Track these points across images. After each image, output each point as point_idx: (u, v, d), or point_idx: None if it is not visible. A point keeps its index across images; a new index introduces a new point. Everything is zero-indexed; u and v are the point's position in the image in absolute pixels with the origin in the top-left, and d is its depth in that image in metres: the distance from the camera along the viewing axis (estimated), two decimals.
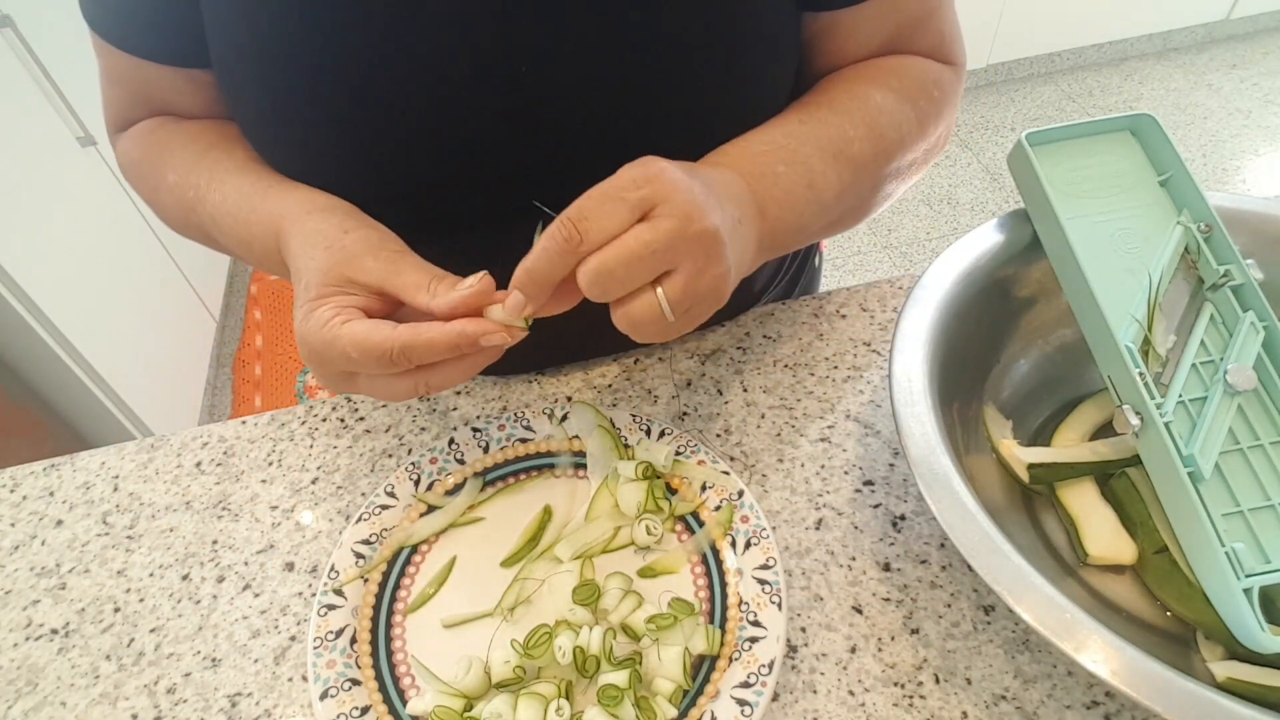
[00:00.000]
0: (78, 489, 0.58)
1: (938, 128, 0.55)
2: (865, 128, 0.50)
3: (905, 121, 0.51)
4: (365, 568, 0.50)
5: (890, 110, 0.51)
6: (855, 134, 0.49)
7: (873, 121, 0.50)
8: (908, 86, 0.52)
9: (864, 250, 2.17)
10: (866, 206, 0.54)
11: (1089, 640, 0.34)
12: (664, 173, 0.39)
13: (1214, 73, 2.58)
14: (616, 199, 0.38)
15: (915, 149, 0.53)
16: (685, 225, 0.38)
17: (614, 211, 0.38)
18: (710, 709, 0.42)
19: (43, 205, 1.39)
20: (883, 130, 0.50)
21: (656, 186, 0.39)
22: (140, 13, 0.50)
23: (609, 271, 0.38)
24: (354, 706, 0.44)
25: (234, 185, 0.50)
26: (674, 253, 0.39)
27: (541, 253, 0.39)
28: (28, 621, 0.51)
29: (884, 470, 0.53)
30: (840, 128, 0.49)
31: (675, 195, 0.39)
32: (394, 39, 0.45)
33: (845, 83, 0.52)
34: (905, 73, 0.53)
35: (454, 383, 0.42)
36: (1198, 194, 0.48)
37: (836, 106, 0.51)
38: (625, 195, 0.39)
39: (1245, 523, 0.42)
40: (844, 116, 0.50)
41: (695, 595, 0.47)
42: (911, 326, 0.46)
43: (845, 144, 0.49)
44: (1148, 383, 0.43)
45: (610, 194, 0.39)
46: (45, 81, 1.41)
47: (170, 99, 0.55)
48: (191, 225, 0.54)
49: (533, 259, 0.40)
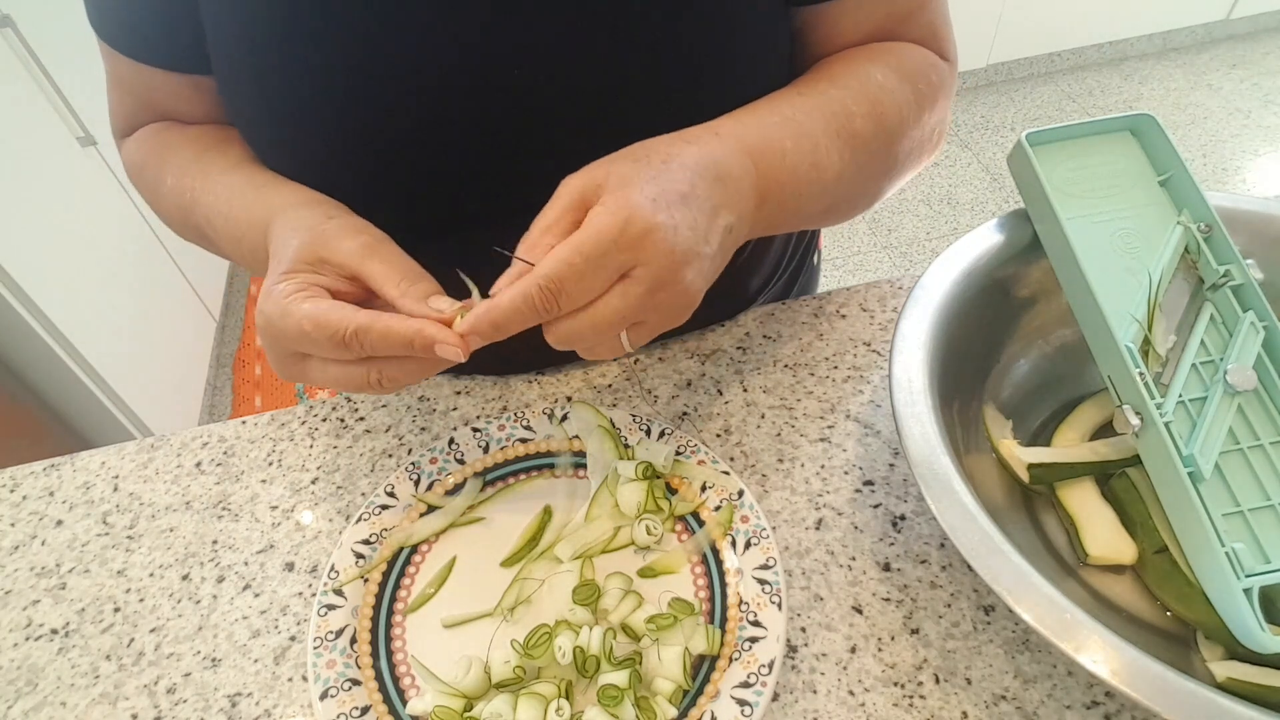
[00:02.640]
0: (78, 489, 0.58)
1: (933, 115, 0.54)
2: (868, 104, 0.49)
3: (905, 104, 0.51)
4: (365, 568, 0.50)
5: (892, 90, 0.50)
6: (858, 110, 0.48)
7: (875, 99, 0.49)
8: (907, 67, 0.52)
9: (864, 250, 2.17)
10: (862, 192, 0.53)
11: (1089, 640, 0.34)
12: (649, 234, 0.37)
13: (1214, 73, 2.58)
14: (598, 265, 0.37)
15: (912, 135, 0.52)
16: (659, 288, 0.38)
17: (593, 282, 0.38)
18: (710, 709, 0.42)
19: (43, 205, 1.39)
20: (884, 108, 0.49)
21: (637, 251, 0.37)
22: (143, 19, 0.50)
23: (579, 337, 0.39)
24: (354, 706, 0.44)
25: (226, 184, 0.50)
26: (644, 312, 0.39)
27: (511, 309, 0.38)
28: (28, 621, 0.51)
29: (884, 470, 0.53)
30: (843, 102, 0.48)
31: (656, 260, 0.37)
32: (385, 44, 0.45)
33: (845, 61, 0.52)
34: (903, 54, 0.53)
35: (406, 381, 0.41)
36: (1198, 194, 0.48)
37: (838, 81, 0.50)
38: (606, 262, 0.37)
39: (1245, 523, 0.42)
40: (846, 91, 0.49)
41: (695, 595, 0.47)
42: (911, 326, 0.46)
43: (848, 119, 0.48)
44: (1148, 383, 0.43)
45: (592, 260, 0.37)
46: (45, 81, 1.41)
47: (173, 104, 0.56)
48: (190, 227, 0.54)
49: (500, 312, 0.38)
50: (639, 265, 0.38)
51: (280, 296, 0.40)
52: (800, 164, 0.46)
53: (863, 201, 0.54)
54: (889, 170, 0.53)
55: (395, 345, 0.39)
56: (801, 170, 0.46)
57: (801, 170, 0.46)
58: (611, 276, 0.38)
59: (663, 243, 0.37)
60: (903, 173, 0.55)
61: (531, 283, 0.37)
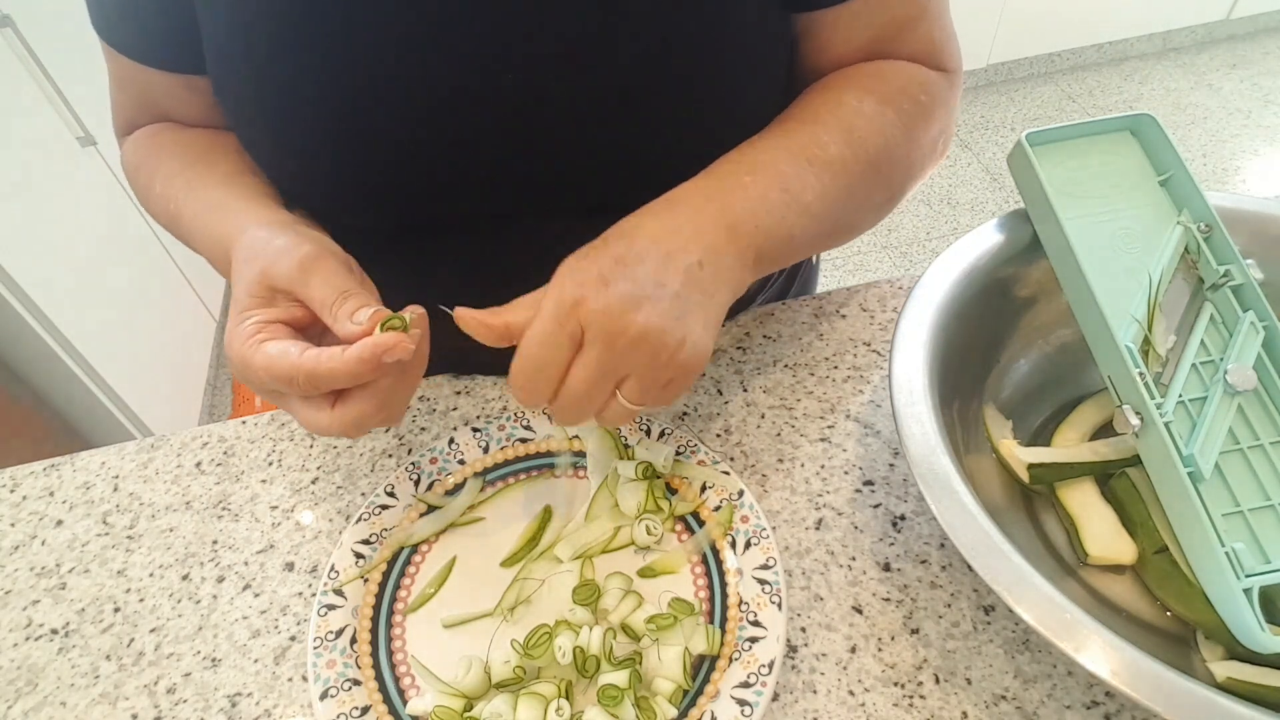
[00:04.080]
0: (78, 489, 0.58)
1: (928, 131, 0.53)
2: (840, 131, 0.48)
3: (887, 125, 0.50)
4: (365, 568, 0.50)
5: (867, 113, 0.49)
6: (829, 138, 0.48)
7: (848, 125, 0.49)
8: (886, 90, 0.51)
9: (864, 250, 2.17)
10: (862, 213, 0.52)
11: (1089, 640, 0.34)
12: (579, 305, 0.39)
13: (1214, 73, 2.58)
14: (550, 351, 0.39)
15: (900, 154, 0.51)
16: (612, 342, 0.39)
17: (550, 371, 0.40)
18: (710, 709, 0.42)
19: (43, 205, 1.39)
20: (860, 133, 0.49)
21: (575, 320, 0.39)
22: (141, 19, 0.50)
23: (569, 415, 0.41)
24: (354, 706, 0.44)
25: (204, 201, 0.50)
26: (615, 369, 0.40)
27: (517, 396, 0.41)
28: (28, 621, 0.51)
29: (884, 470, 0.53)
30: (811, 134, 0.48)
31: (595, 319, 0.39)
32: (381, 50, 0.45)
33: (818, 93, 0.51)
34: (884, 77, 0.52)
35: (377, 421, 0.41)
36: (1198, 194, 0.48)
37: (806, 117, 0.49)
38: (555, 341, 0.39)
39: (1245, 523, 0.42)
40: (814, 125, 0.49)
41: (695, 595, 0.47)
42: (911, 326, 0.46)
43: (818, 148, 0.47)
44: (1148, 383, 0.43)
45: (545, 349, 0.39)
46: (45, 81, 1.41)
47: (170, 104, 0.56)
48: (180, 237, 0.54)
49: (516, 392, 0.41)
50: (585, 329, 0.39)
51: (240, 342, 0.40)
52: (767, 191, 0.45)
53: (866, 220, 0.53)
54: (883, 189, 0.52)
55: (344, 381, 0.39)
56: (772, 196, 0.45)
57: (772, 196, 0.45)
58: (567, 351, 0.40)
59: (596, 300, 0.39)
60: (903, 188, 0.54)
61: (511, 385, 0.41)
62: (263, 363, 0.39)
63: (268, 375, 0.39)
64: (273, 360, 0.39)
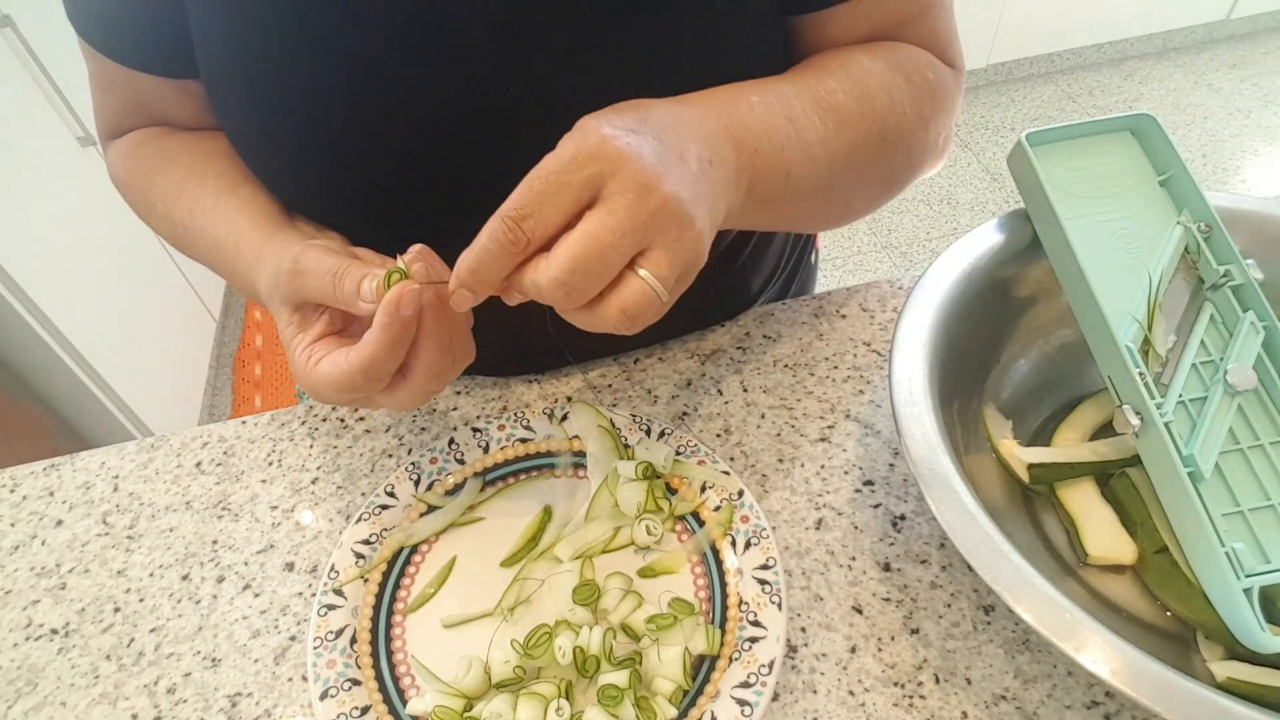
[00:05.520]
0: (78, 489, 0.58)
1: (934, 114, 0.52)
2: (849, 83, 0.47)
3: (896, 88, 0.49)
4: (365, 568, 0.50)
5: (878, 73, 0.48)
6: (837, 85, 0.47)
7: (858, 79, 0.48)
8: (899, 58, 0.50)
9: (863, 250, 2.17)
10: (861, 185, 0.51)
11: (1089, 640, 0.34)
12: (606, 142, 0.35)
13: (1214, 73, 2.58)
14: (560, 184, 0.35)
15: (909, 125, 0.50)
16: (643, 199, 0.34)
17: (558, 202, 0.35)
18: (710, 709, 0.42)
19: (43, 205, 1.39)
20: (869, 88, 0.48)
21: (601, 162, 0.35)
22: (129, 22, 0.49)
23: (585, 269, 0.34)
24: (354, 706, 0.44)
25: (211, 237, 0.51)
26: (643, 230, 0.35)
27: (484, 253, 0.36)
28: (28, 621, 0.51)
29: (884, 470, 0.53)
30: (820, 79, 0.47)
31: (624, 166, 0.34)
32: (382, 59, 0.45)
33: (829, 54, 0.51)
34: (896, 48, 0.51)
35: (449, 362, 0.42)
36: (1198, 194, 0.48)
37: (815, 64, 0.49)
38: (569, 179, 0.35)
39: (1245, 523, 0.42)
40: (824, 71, 0.48)
41: (695, 595, 0.47)
42: (911, 326, 0.46)
43: (826, 92, 0.46)
44: (1148, 383, 0.43)
45: (552, 180, 0.35)
46: (45, 81, 1.41)
47: (162, 108, 0.55)
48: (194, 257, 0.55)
49: (472, 254, 0.36)
50: (610, 177, 0.35)
51: (303, 371, 0.42)
52: (772, 116, 0.43)
53: (860, 197, 0.52)
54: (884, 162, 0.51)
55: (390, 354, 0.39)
56: (776, 122, 0.43)
57: (776, 122, 0.43)
58: (580, 193, 0.35)
59: (627, 148, 0.35)
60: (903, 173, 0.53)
61: (495, 216, 0.35)
62: (325, 381, 0.40)
63: (335, 390, 0.40)
64: (331, 376, 0.40)
